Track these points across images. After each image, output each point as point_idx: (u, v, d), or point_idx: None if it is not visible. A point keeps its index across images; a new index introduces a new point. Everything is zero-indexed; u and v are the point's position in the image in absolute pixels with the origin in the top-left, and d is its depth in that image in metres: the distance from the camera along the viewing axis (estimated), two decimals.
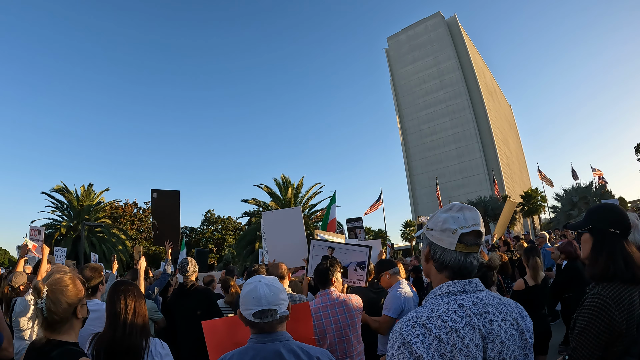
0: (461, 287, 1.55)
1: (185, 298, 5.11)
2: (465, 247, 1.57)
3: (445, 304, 1.50)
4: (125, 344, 2.56)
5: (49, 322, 2.12)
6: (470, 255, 1.58)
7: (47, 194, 38.00)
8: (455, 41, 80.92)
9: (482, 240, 1.60)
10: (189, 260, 5.36)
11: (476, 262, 1.60)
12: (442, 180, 65.22)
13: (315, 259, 4.80)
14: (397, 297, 4.33)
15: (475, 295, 1.54)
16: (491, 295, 1.58)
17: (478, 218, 1.61)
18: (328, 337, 3.45)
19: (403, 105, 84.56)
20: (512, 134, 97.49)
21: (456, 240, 1.57)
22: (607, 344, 2.02)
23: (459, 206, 1.65)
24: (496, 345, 1.45)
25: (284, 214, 6.61)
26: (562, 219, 39.21)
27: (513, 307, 1.58)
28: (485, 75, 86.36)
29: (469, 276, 1.59)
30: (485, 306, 1.51)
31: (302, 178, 39.81)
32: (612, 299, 2.05)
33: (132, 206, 57.84)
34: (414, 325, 1.44)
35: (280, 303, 2.04)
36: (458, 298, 1.52)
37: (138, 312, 2.66)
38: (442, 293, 1.56)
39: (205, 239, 64.13)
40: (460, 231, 1.56)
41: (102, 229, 37.53)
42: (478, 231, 1.58)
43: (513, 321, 1.52)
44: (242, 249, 37.86)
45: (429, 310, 1.48)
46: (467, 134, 75.05)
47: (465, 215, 1.59)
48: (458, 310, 1.47)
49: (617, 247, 2.18)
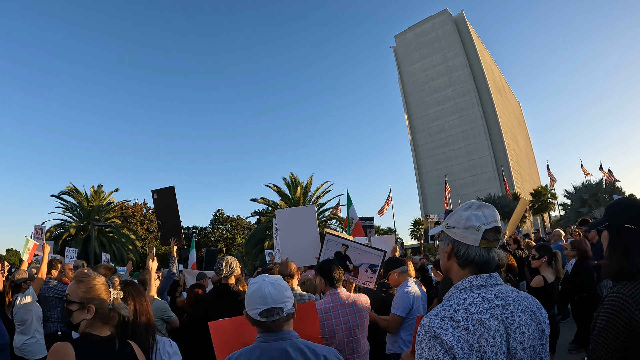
0: (483, 281, 1.62)
1: (219, 300, 4.63)
2: (487, 242, 1.64)
3: (470, 297, 1.56)
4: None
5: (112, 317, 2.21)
6: (492, 251, 1.66)
7: (56, 197, 38.24)
8: (463, 38, 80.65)
9: (500, 236, 1.68)
10: (225, 260, 4.68)
11: (497, 256, 1.67)
12: (451, 178, 64.95)
13: (328, 254, 4.77)
14: (406, 296, 4.31)
15: (496, 289, 1.61)
16: (510, 289, 1.65)
17: (496, 215, 1.69)
18: (337, 337, 3.44)
19: (411, 103, 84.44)
20: (521, 131, 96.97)
21: (480, 236, 1.64)
22: (627, 345, 1.93)
23: (477, 204, 1.72)
24: (518, 335, 1.51)
25: (297, 212, 6.56)
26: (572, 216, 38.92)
27: (530, 300, 1.65)
28: (493, 72, 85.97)
29: (490, 270, 1.66)
30: (506, 299, 1.58)
31: (311, 177, 39.65)
32: (632, 298, 1.95)
33: (141, 206, 58.00)
34: (443, 319, 1.49)
35: (286, 301, 2.04)
36: (481, 292, 1.58)
37: (139, 311, 2.60)
38: (466, 287, 1.62)
39: (215, 239, 64.21)
40: (484, 228, 1.64)
41: (112, 229, 37.64)
42: (498, 227, 1.66)
43: (531, 313, 1.59)
44: (251, 248, 37.89)
45: (456, 304, 1.54)
46: (476, 132, 74.81)
47: (485, 213, 1.67)
48: (482, 302, 1.53)
49: (633, 243, 2.09)
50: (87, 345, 2.06)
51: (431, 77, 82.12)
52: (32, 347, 5.23)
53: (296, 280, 4.48)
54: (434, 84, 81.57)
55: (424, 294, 4.61)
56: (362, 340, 3.58)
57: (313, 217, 6.30)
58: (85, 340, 2.08)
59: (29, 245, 9.06)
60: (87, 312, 2.12)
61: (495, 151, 72.82)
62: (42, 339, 5.37)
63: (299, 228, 6.17)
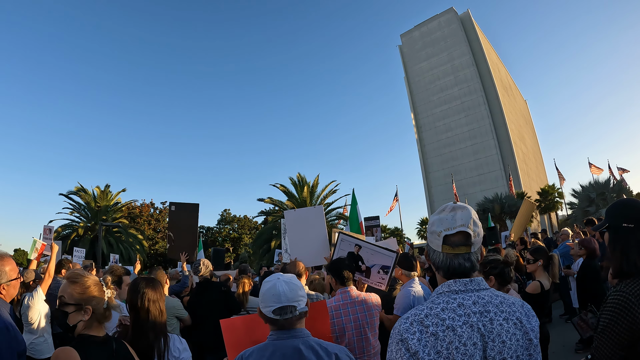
0: (462, 286, 1.57)
1: (206, 292, 5.49)
2: (450, 248, 1.60)
3: (445, 302, 1.53)
4: (142, 343, 2.58)
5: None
6: (459, 257, 1.60)
7: (65, 196, 38.48)
8: (469, 37, 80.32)
9: (473, 241, 1.60)
10: (201, 261, 5.74)
11: (469, 263, 1.60)
12: (457, 177, 64.82)
13: (341, 253, 4.77)
14: (406, 297, 4.29)
15: (476, 294, 1.55)
16: (494, 294, 1.58)
17: (468, 218, 1.60)
18: (347, 335, 3.45)
19: (418, 102, 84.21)
20: (528, 129, 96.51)
21: (441, 242, 1.61)
22: (630, 343, 1.95)
23: (451, 207, 1.66)
24: (496, 344, 1.45)
25: (306, 213, 6.58)
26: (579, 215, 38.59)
27: (518, 307, 1.57)
28: (500, 71, 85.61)
29: (463, 276, 1.60)
30: (486, 305, 1.52)
31: (318, 176, 39.58)
32: (635, 297, 1.97)
33: (148, 206, 58.17)
34: (412, 323, 1.48)
35: (299, 299, 2.07)
36: (458, 297, 1.54)
37: (153, 313, 2.70)
38: (443, 292, 1.59)
39: (222, 238, 64.38)
40: (445, 233, 1.59)
41: (119, 229, 37.81)
42: (465, 232, 1.59)
43: (517, 320, 1.52)
44: (258, 248, 37.86)
45: (428, 309, 1.52)
46: (483, 131, 74.49)
47: (456, 216, 1.60)
48: (457, 308, 1.50)
49: (631, 242, 2.12)
50: (89, 347, 2.07)
51: (437, 76, 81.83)
52: (40, 347, 5.28)
53: (304, 279, 4.51)
54: (440, 83, 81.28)
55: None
56: (373, 339, 3.59)
57: (321, 217, 6.34)
58: (85, 342, 2.10)
59: (37, 246, 9.15)
60: (84, 313, 2.12)
61: (502, 150, 72.48)
62: (50, 338, 5.41)
63: (308, 228, 6.20)
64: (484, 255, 4.22)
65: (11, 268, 2.80)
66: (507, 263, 4.27)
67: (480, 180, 72.07)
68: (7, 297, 2.80)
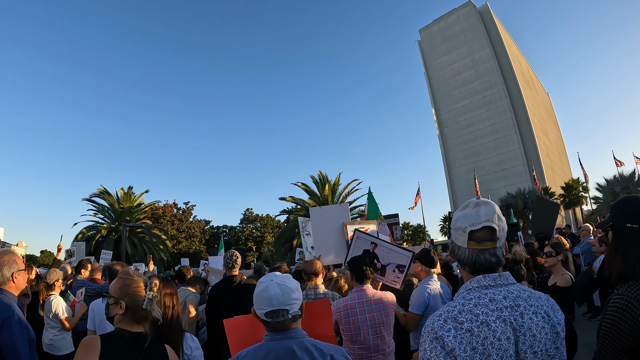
0: (492, 281, 1.56)
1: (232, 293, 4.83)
2: (476, 244, 1.59)
3: (476, 297, 1.52)
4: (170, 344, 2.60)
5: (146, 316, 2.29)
6: (485, 252, 1.59)
7: (88, 200, 39.08)
8: (489, 30, 79.45)
9: (498, 236, 1.59)
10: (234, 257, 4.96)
11: (495, 258, 1.60)
12: (480, 173, 64.17)
13: (356, 251, 4.77)
14: (422, 294, 4.22)
15: (506, 289, 1.55)
16: (522, 289, 1.58)
17: (492, 213, 1.59)
18: (362, 334, 3.45)
19: (438, 97, 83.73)
20: (551, 123, 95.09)
21: (466, 238, 1.60)
22: (632, 347, 1.88)
23: (474, 202, 1.66)
24: (527, 338, 1.46)
25: (331, 210, 6.58)
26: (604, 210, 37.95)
27: (544, 300, 1.58)
28: (521, 64, 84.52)
29: (490, 272, 1.59)
30: (516, 299, 1.52)
31: (339, 175, 39.63)
32: (638, 299, 1.90)
33: (171, 207, 58.91)
34: (446, 319, 1.46)
35: (292, 303, 2.02)
36: (489, 292, 1.53)
37: (174, 313, 2.74)
38: (473, 287, 1.57)
39: (245, 237, 64.89)
40: (470, 229, 1.59)
41: (142, 230, 38.33)
42: (490, 227, 1.58)
43: (544, 314, 1.52)
44: (280, 247, 38.10)
45: (461, 305, 1.51)
46: (505, 125, 73.66)
47: (480, 212, 1.60)
48: (489, 303, 1.49)
49: (633, 244, 2.04)
50: (114, 339, 2.14)
51: (457, 71, 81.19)
52: (59, 344, 5.44)
53: (320, 278, 4.48)
54: (460, 78, 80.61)
55: (447, 291, 4.53)
56: (388, 338, 3.58)
57: (346, 215, 6.38)
58: (113, 335, 2.17)
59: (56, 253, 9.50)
60: (119, 307, 2.21)
61: (525, 144, 71.56)
62: (69, 336, 5.57)
63: (332, 226, 6.24)
64: None
65: (19, 260, 2.96)
66: (515, 261, 4.21)
67: (504, 175, 71.28)
68: (17, 289, 2.92)
